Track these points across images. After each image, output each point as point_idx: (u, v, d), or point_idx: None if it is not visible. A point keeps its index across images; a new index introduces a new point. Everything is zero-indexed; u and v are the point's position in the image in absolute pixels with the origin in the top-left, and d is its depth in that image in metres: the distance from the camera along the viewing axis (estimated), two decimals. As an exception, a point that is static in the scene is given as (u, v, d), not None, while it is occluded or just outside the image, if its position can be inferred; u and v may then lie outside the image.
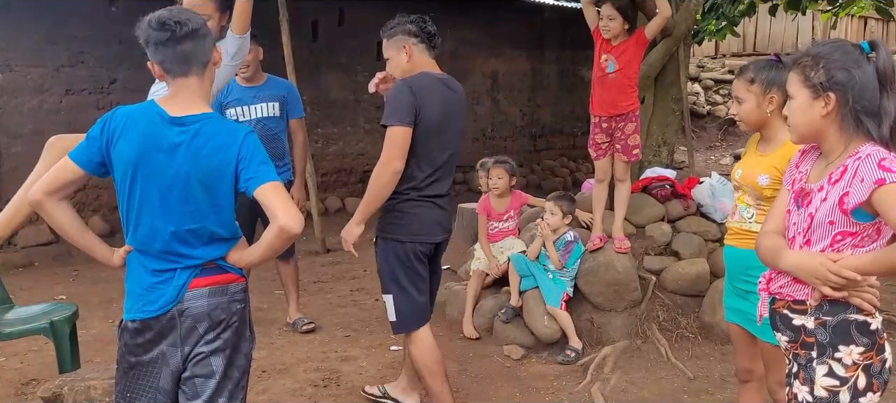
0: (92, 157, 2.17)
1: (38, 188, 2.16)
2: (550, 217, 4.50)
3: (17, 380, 3.95)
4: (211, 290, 2.21)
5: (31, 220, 6.95)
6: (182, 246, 2.18)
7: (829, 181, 1.95)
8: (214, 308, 2.21)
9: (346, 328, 4.88)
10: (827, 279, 1.90)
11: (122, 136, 2.15)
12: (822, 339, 1.97)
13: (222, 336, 2.23)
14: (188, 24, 2.14)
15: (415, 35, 3.19)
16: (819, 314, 1.98)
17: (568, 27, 11.06)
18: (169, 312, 2.18)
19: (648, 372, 4.09)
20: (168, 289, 2.18)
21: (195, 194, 2.16)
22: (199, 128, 2.15)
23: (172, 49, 2.14)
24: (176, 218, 2.16)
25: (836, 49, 1.96)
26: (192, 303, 2.19)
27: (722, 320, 3.65)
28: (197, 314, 2.19)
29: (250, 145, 2.19)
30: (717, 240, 4.75)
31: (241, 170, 2.17)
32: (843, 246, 1.93)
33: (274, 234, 2.15)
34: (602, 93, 4.39)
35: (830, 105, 1.93)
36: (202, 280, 2.21)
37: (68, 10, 6.94)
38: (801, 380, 2.00)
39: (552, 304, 4.42)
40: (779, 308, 2.08)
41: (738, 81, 2.70)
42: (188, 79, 2.19)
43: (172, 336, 2.19)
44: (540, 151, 11.64)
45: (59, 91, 7.12)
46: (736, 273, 2.69)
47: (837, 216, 1.91)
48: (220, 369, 2.23)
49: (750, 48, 15.63)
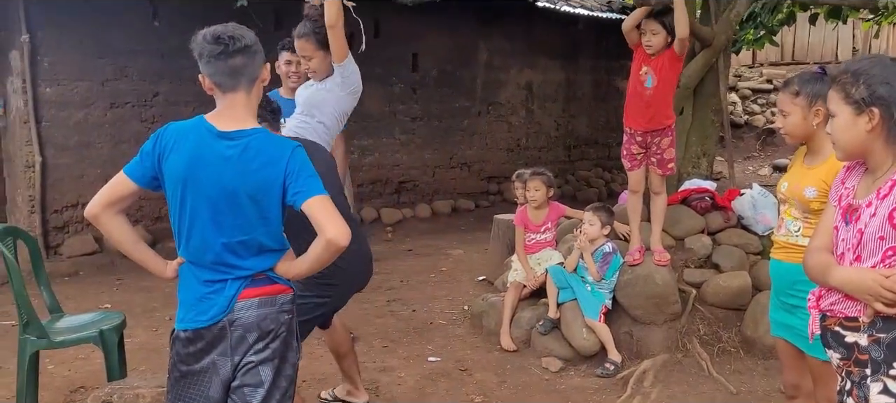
0: (145, 172, 2.24)
1: (96, 202, 2.23)
2: (589, 228, 4.48)
3: (65, 387, 4.06)
4: (260, 301, 2.25)
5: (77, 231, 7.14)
6: (232, 257, 2.23)
7: (877, 196, 1.93)
8: (264, 318, 2.25)
9: (384, 338, 4.91)
10: (879, 295, 1.88)
11: (173, 151, 2.21)
12: (877, 356, 1.94)
13: (271, 345, 2.27)
14: (242, 39, 2.19)
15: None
16: (872, 331, 1.95)
17: (602, 37, 11.02)
18: (220, 322, 2.23)
19: (690, 387, 4.05)
20: (219, 299, 2.23)
21: (244, 207, 2.20)
22: (248, 143, 2.20)
23: (224, 62, 2.19)
24: (226, 230, 2.21)
25: (875, 63, 1.96)
26: (242, 314, 2.23)
27: (764, 334, 3.61)
28: (247, 324, 2.24)
29: (298, 159, 2.23)
30: (758, 253, 4.68)
31: (288, 184, 2.21)
32: (894, 262, 1.90)
33: (321, 247, 2.19)
34: (639, 108, 4.37)
35: (875, 120, 1.93)
36: (252, 290, 2.25)
37: (113, 26, 7.12)
38: (855, 398, 1.98)
39: (591, 316, 4.40)
40: (830, 325, 2.05)
41: (783, 94, 2.68)
42: (237, 94, 2.23)
43: (223, 345, 2.24)
44: (574, 162, 11.59)
45: (104, 104, 7.29)
46: (783, 287, 2.66)
47: (888, 231, 1.89)
48: (269, 378, 2.27)
49: (788, 57, 15.41)
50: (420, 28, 8.95)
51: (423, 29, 8.99)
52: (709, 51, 5.24)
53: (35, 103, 6.92)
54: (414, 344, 4.78)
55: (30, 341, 3.40)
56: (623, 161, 4.57)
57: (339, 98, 3.46)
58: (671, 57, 4.25)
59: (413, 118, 9.56)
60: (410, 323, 5.22)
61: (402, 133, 9.50)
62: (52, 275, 6.45)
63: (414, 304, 5.69)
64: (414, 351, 4.65)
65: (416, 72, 9.47)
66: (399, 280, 6.46)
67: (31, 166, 6.91)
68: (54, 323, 3.64)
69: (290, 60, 4.52)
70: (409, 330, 5.09)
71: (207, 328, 2.24)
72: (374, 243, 7.84)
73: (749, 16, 8.69)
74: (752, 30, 9.09)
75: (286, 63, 4.53)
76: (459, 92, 9.89)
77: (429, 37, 9.25)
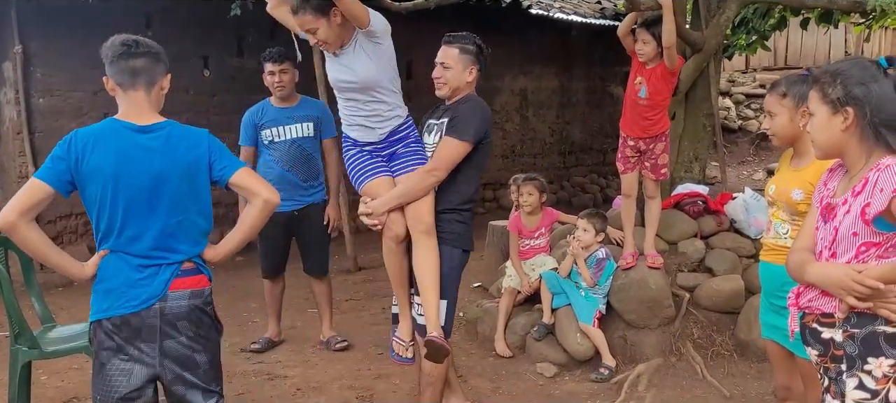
0: (61, 176, 2.35)
1: (12, 209, 2.28)
2: (582, 234, 4.49)
3: (58, 398, 4.04)
4: (192, 293, 2.42)
5: (71, 241, 7.11)
6: (170, 240, 2.39)
7: (852, 194, 1.98)
8: (193, 309, 2.42)
9: (380, 345, 4.90)
10: (851, 289, 1.91)
11: (94, 152, 2.34)
12: (851, 352, 1.96)
13: (200, 333, 2.44)
14: (146, 46, 2.45)
15: (480, 65, 3.32)
16: (847, 326, 1.97)
17: (596, 44, 11.06)
18: (152, 307, 2.34)
19: (683, 390, 4.05)
20: (153, 283, 2.36)
21: (177, 189, 2.40)
22: (169, 132, 2.43)
23: (126, 62, 2.41)
24: (162, 214, 2.38)
25: (854, 65, 2.02)
26: (174, 303, 2.37)
27: (758, 337, 3.61)
28: (177, 312, 2.37)
29: (216, 142, 2.52)
30: (751, 256, 4.69)
31: (213, 161, 2.47)
32: (867, 258, 1.95)
33: (258, 209, 2.47)
34: (634, 116, 4.41)
35: (849, 119, 1.98)
36: (183, 281, 2.41)
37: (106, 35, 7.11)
38: (833, 394, 2.01)
39: (585, 321, 4.40)
40: (808, 322, 2.08)
41: (771, 96, 2.70)
42: (137, 92, 2.43)
43: (149, 333, 2.35)
44: (569, 168, 11.62)
45: (97, 114, 7.27)
46: (772, 289, 2.67)
47: (860, 227, 1.94)
48: (204, 363, 2.45)
49: (781, 62, 15.46)
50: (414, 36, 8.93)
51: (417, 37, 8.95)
52: (700, 55, 5.27)
53: (28, 114, 6.93)
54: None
55: (21, 351, 3.39)
56: (617, 164, 4.61)
57: (380, 55, 3.07)
58: (663, 71, 4.25)
59: (407, 126, 9.56)
60: (405, 330, 5.21)
61: (396, 141, 9.50)
62: (45, 286, 6.45)
63: (409, 311, 5.68)
64: (408, 358, 4.64)
65: (411, 80, 9.48)
66: (394, 287, 6.46)
67: (24, 177, 6.89)
68: (46, 333, 3.63)
69: (272, 71, 4.53)
70: (404, 337, 5.07)
71: (136, 313, 2.33)
72: (370, 251, 7.84)
73: (741, 21, 8.73)
74: (745, 35, 9.13)
75: (270, 74, 4.55)
76: (454, 99, 9.90)
77: (423, 45, 9.18)
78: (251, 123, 4.61)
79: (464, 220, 3.27)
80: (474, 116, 3.17)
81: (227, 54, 7.85)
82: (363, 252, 7.49)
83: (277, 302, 4.90)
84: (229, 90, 7.71)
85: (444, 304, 3.20)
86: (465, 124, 3.15)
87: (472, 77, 3.27)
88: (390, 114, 3.18)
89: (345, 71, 3.09)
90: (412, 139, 3.27)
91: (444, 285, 3.20)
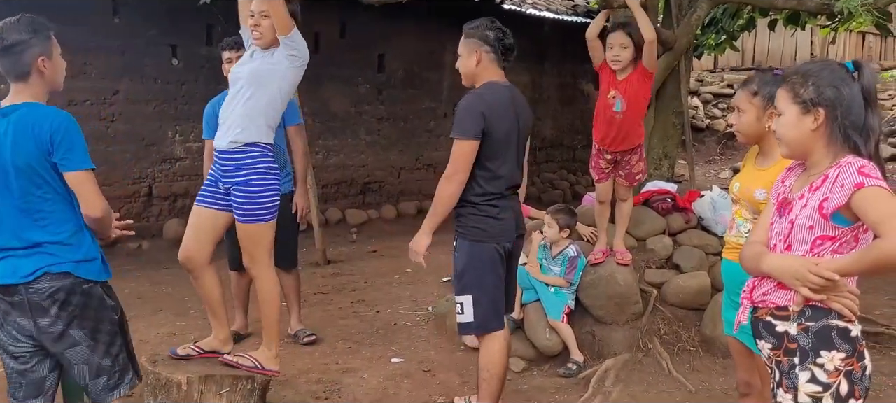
0: None
1: None
2: (547, 229, 4.51)
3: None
4: (51, 275, 2.50)
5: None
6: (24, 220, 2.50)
7: (809, 189, 2.02)
8: (57, 290, 2.50)
9: (348, 340, 4.89)
10: (806, 279, 1.94)
11: None
12: (805, 344, 2.00)
13: (69, 309, 2.53)
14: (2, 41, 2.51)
15: (489, 43, 3.28)
16: (802, 319, 2.01)
17: (568, 41, 11.09)
18: (15, 286, 2.48)
19: (650, 386, 4.09)
20: (5, 266, 2.49)
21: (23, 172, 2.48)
22: (21, 114, 2.50)
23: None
24: (14, 198, 2.48)
25: (824, 67, 2.06)
26: (37, 285, 2.49)
27: (722, 333, 3.66)
28: (41, 294, 2.49)
29: (63, 128, 2.51)
30: (717, 254, 4.74)
31: (55, 147, 2.48)
32: (822, 251, 1.99)
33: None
34: (608, 131, 4.24)
35: (820, 120, 2.01)
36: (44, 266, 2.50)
37: (72, 22, 6.98)
38: (785, 388, 2.04)
39: (554, 317, 4.43)
40: (762, 315, 2.12)
41: (741, 92, 2.73)
42: (16, 85, 2.57)
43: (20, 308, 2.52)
44: (540, 164, 11.66)
45: (61, 102, 7.11)
46: (734, 287, 2.71)
47: (817, 220, 1.98)
48: (84, 336, 2.56)
49: (749, 62, 15.71)
50: (386, 29, 8.93)
51: (389, 30, 8.97)
52: (670, 54, 5.32)
53: None
54: (377, 345, 4.77)
55: None
56: (592, 172, 4.52)
57: (286, 71, 3.35)
58: (641, 74, 4.08)
59: (379, 119, 9.53)
60: (374, 325, 5.20)
61: (367, 134, 9.47)
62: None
63: (378, 305, 5.67)
64: (377, 352, 4.63)
65: (382, 73, 9.45)
66: (363, 281, 6.44)
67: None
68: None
69: (230, 58, 4.47)
70: (373, 331, 5.07)
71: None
72: (339, 244, 7.81)
73: (710, 21, 8.83)
74: (714, 35, 9.24)
75: (227, 61, 4.49)
76: (425, 93, 9.89)
77: (395, 38, 9.23)
78: (213, 114, 4.53)
79: (481, 213, 3.24)
80: (463, 111, 3.19)
81: (195, 43, 7.73)
82: (332, 245, 7.45)
83: (244, 294, 4.84)
84: (198, 80, 7.60)
85: (469, 299, 3.26)
86: (458, 121, 3.19)
87: (478, 61, 3.28)
88: (253, 123, 3.27)
89: (248, 65, 3.34)
90: (252, 183, 3.27)
91: (466, 280, 3.26)
